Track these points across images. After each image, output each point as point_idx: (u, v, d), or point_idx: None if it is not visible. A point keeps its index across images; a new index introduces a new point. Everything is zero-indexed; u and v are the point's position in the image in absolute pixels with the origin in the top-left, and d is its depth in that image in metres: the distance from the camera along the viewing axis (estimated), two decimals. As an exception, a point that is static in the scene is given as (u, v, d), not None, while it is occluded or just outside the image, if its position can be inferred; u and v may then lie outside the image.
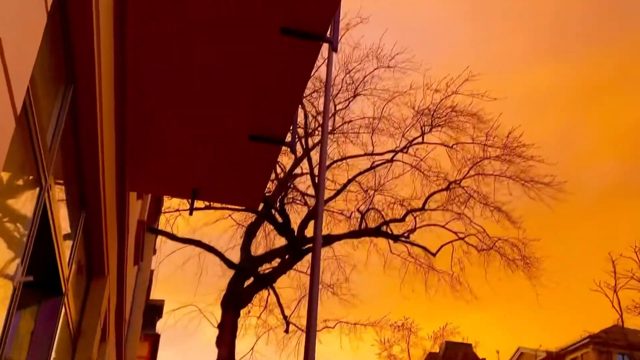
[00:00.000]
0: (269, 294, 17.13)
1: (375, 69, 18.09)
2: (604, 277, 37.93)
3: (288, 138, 6.23)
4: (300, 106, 17.26)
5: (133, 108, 5.78)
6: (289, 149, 8.56)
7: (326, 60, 10.87)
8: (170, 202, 16.47)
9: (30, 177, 3.47)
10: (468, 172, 17.90)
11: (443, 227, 17.82)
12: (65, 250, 4.79)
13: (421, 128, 17.97)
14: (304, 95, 17.01)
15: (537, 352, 50.01)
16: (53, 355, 5.20)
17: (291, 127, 6.21)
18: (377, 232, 17.63)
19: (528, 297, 24.38)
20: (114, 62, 4.68)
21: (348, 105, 18.01)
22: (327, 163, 17.56)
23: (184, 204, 16.19)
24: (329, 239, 17.27)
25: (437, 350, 58.74)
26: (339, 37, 6.13)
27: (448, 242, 17.78)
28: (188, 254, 19.20)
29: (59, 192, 4.37)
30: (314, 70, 17.46)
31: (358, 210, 17.87)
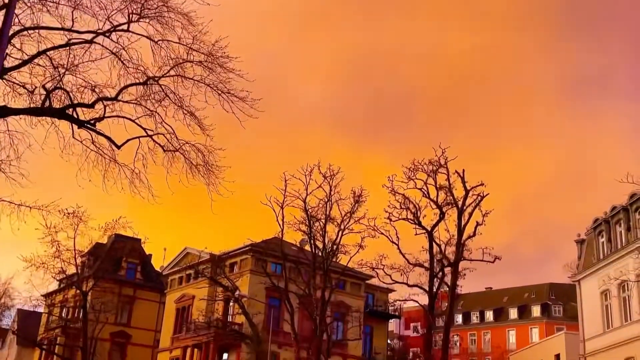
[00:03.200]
0: None
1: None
2: (275, 193, 41.23)
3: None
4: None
5: None
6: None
7: None
8: None
9: None
10: (169, 71, 17.60)
11: (133, 121, 17.33)
12: None
13: (129, 15, 17.05)
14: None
15: (202, 253, 52.76)
16: None
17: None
18: (61, 113, 16.48)
19: (203, 202, 25.22)
20: None
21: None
22: (17, 29, 15.78)
23: None
24: (5, 111, 15.69)
25: (105, 242, 58.28)
26: None
27: (135, 137, 17.41)
28: None
29: None
30: None
31: (44, 86, 16.47)
